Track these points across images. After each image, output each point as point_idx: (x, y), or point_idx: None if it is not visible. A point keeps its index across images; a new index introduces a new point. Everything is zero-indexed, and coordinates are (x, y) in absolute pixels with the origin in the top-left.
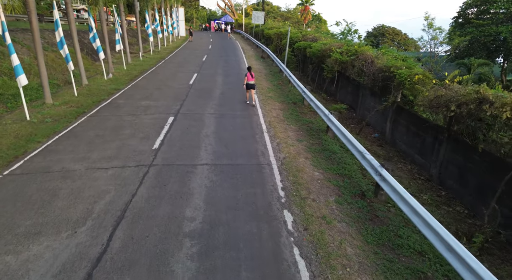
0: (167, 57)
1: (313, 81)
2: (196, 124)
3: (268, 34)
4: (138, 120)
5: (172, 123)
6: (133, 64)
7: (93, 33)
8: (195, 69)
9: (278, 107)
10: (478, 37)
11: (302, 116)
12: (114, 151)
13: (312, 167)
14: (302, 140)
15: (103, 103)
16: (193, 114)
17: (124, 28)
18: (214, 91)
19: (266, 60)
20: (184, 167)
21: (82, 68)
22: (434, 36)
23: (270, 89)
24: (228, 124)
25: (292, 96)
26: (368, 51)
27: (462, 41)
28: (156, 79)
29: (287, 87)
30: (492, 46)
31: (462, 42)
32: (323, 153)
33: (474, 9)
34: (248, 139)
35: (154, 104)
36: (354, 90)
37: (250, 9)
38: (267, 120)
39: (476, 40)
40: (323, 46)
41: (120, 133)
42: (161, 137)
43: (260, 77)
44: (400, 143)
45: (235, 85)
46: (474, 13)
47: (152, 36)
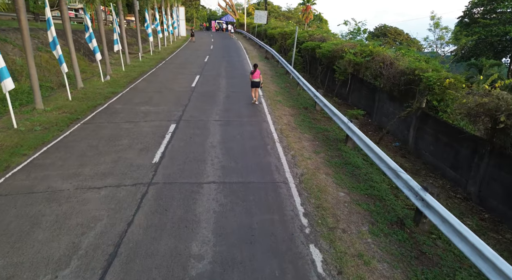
0: (168, 57)
1: (323, 84)
2: (200, 132)
3: (272, 34)
4: (136, 128)
5: (174, 131)
6: (132, 65)
7: (89, 32)
8: (197, 71)
9: (288, 112)
10: (485, 37)
11: (316, 123)
12: (108, 165)
13: (335, 186)
14: (320, 151)
15: (99, 108)
16: (196, 121)
17: (122, 27)
18: (218, 95)
19: (270, 60)
20: (189, 186)
21: (77, 70)
22: (441, 35)
23: (277, 93)
24: (236, 132)
25: (302, 100)
26: (385, 51)
27: (469, 41)
28: (156, 81)
29: (295, 90)
30: (499, 46)
31: (469, 42)
32: (345, 168)
33: (480, 8)
34: (259, 150)
35: (154, 110)
36: (369, 94)
37: (252, 9)
38: (278, 128)
39: (483, 40)
40: (334, 47)
41: (116, 143)
42: (162, 149)
43: (266, 79)
44: (427, 154)
45: (240, 88)
46: (480, 13)
47: (152, 36)
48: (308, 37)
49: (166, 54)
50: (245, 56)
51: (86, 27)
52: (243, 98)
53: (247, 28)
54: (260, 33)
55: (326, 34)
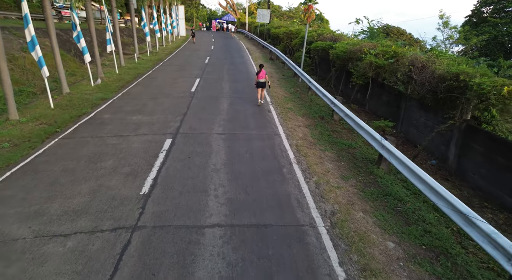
0: (166, 58)
1: (336, 88)
2: (201, 150)
3: (276, 34)
4: (125, 144)
5: (169, 149)
6: (127, 67)
7: (77, 31)
8: (197, 73)
9: (302, 123)
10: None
11: (336, 136)
12: (84, 199)
13: (379, 231)
14: (349, 177)
15: (83, 119)
16: (196, 135)
17: (116, 26)
18: (221, 102)
19: (275, 62)
20: (185, 233)
21: (62, 73)
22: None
23: (287, 99)
24: (243, 149)
25: (316, 108)
26: (413, 53)
27: (480, 40)
28: (152, 85)
29: (306, 95)
30: (509, 46)
31: (481, 42)
32: (385, 202)
33: (489, 7)
34: (273, 175)
35: (148, 120)
36: (393, 101)
37: (254, 8)
38: (293, 143)
39: (492, 39)
40: (350, 47)
41: (98, 166)
42: (154, 173)
43: (273, 83)
44: (476, 177)
45: (246, 93)
46: (489, 11)
47: (150, 35)
48: (317, 37)
49: (164, 55)
50: (248, 57)
51: (73, 26)
52: (249, 105)
53: (248, 28)
54: (263, 32)
55: (339, 34)
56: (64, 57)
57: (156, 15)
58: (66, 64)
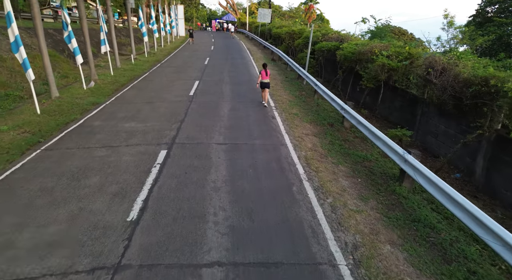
0: (164, 59)
1: (343, 92)
2: (199, 164)
3: (277, 34)
4: (114, 156)
5: (163, 162)
6: (122, 68)
7: (68, 31)
8: (196, 75)
9: (310, 131)
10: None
11: (349, 146)
12: (60, 227)
13: (414, 273)
14: (368, 197)
15: (71, 126)
16: (194, 145)
17: (111, 25)
18: (221, 107)
19: (277, 63)
20: (178, 274)
21: (51, 76)
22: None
23: (292, 103)
24: (246, 163)
25: (324, 114)
26: (426, 53)
27: (485, 40)
28: (148, 88)
29: (312, 99)
30: None
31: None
32: (415, 230)
33: (494, 6)
34: (281, 195)
35: (142, 128)
36: (407, 106)
37: (254, 7)
38: (301, 155)
39: (497, 39)
40: (360, 48)
41: (82, 184)
42: (145, 193)
43: (276, 86)
44: (509, 195)
45: (248, 97)
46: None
47: (147, 35)
48: (322, 37)
49: (162, 55)
50: (249, 57)
51: (64, 25)
52: (252, 111)
53: (249, 28)
54: (264, 32)
55: (345, 34)
56: (57, 58)
57: (154, 14)
58: (59, 66)
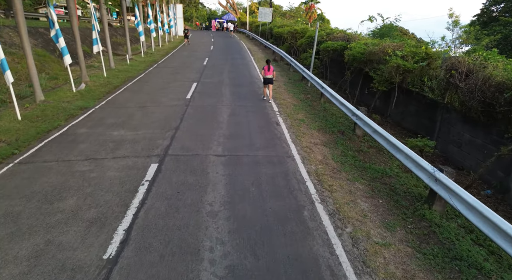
0: (161, 60)
1: (352, 94)
2: (194, 180)
3: (279, 33)
4: (97, 172)
5: (153, 178)
6: (117, 69)
7: (55, 29)
8: (194, 77)
9: (319, 139)
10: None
11: (363, 158)
12: (19, 269)
13: None
14: (394, 224)
15: (53, 135)
16: (189, 158)
17: (105, 24)
18: (220, 111)
19: (279, 63)
20: None
21: (35, 78)
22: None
23: (297, 107)
24: (249, 180)
25: (332, 119)
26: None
27: (492, 40)
28: (142, 91)
29: (318, 102)
30: None
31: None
32: (458, 272)
33: (499, 6)
34: (290, 222)
35: (132, 137)
36: (423, 111)
37: (255, 7)
38: (311, 170)
39: (503, 39)
40: (371, 47)
41: (55, 208)
42: (128, 220)
43: (279, 88)
44: None
45: (250, 100)
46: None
47: (144, 34)
48: (326, 36)
49: (159, 56)
50: (250, 58)
51: (50, 23)
52: (254, 116)
53: (249, 27)
54: (265, 32)
55: (351, 33)
56: (47, 58)
57: (151, 13)
58: (48, 66)
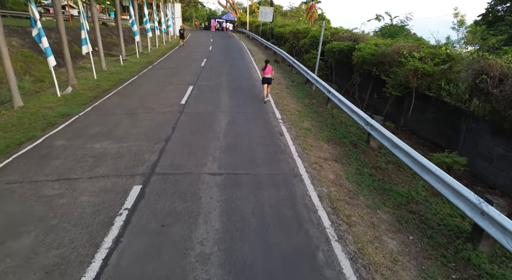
0: (157, 61)
1: (361, 100)
2: (182, 208)
3: (280, 33)
4: (67, 197)
5: (134, 206)
6: (109, 71)
7: (37, 28)
8: (190, 79)
9: (329, 153)
10: None
11: (382, 177)
12: None
13: None
14: (434, 273)
15: (25, 148)
16: (179, 177)
17: (96, 23)
18: (217, 119)
19: (281, 64)
20: None
21: (12, 82)
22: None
23: (302, 114)
24: (248, 208)
25: (342, 128)
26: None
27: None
28: (133, 95)
29: (325, 108)
30: None
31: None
32: None
33: (505, 5)
34: (302, 271)
35: (115, 150)
36: (444, 119)
37: (255, 6)
38: (323, 193)
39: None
40: (383, 48)
41: (3, 249)
42: (95, 268)
43: (281, 92)
44: None
45: (250, 106)
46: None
47: (140, 34)
48: (331, 36)
49: (156, 56)
50: (250, 59)
51: (32, 21)
52: (255, 125)
53: (249, 27)
54: (265, 32)
55: (357, 33)
56: (34, 59)
57: (147, 12)
58: (35, 68)
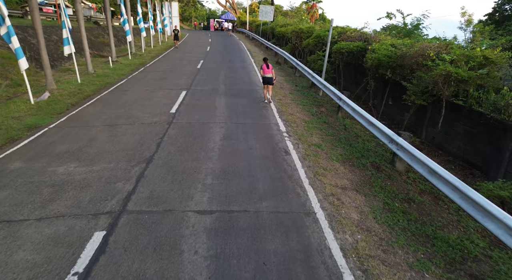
0: (150, 63)
1: (377, 108)
2: (154, 274)
3: (281, 33)
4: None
5: (86, 271)
6: (95, 74)
7: (6, 26)
8: (184, 84)
9: (347, 180)
10: None
11: (418, 215)
12: None
13: None
14: None
15: None
16: (157, 219)
17: (81, 21)
18: (211, 133)
19: (283, 66)
20: None
21: None
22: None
23: (310, 125)
24: (248, 271)
25: (358, 144)
26: None
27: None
28: (117, 103)
29: (335, 117)
30: None
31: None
32: None
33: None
34: None
35: (82, 176)
36: (480, 134)
37: (255, 5)
38: (347, 246)
39: None
40: (404, 50)
41: None
42: None
43: (285, 98)
44: None
45: (250, 115)
46: None
47: (133, 34)
48: (338, 36)
49: (149, 58)
50: (250, 61)
51: (0, 19)
52: (255, 140)
53: (249, 27)
54: (266, 32)
55: (367, 32)
56: (13, 61)
57: (141, 10)
58: (13, 71)
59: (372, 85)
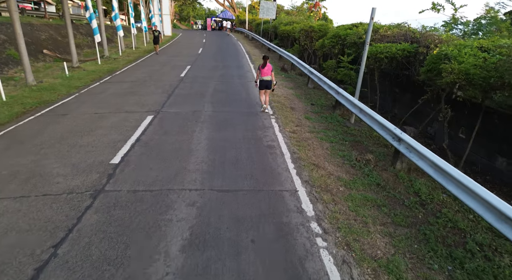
0: (122, 69)
1: (450, 150)
2: None
3: (286, 32)
4: None
5: None
6: (35, 87)
7: None
8: (155, 102)
9: None
10: None
11: None
12: None
13: None
14: None
15: None
16: None
17: (13, 15)
18: (167, 221)
19: (290, 74)
20: None
21: None
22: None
23: (357, 196)
24: None
25: (410, 211)
26: None
27: None
28: (40, 138)
29: (391, 172)
30: None
31: None
32: None
33: None
34: None
35: None
36: None
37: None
38: None
39: None
40: None
41: None
42: None
43: (301, 128)
44: None
45: (246, 175)
46: None
47: (101, 32)
48: (364, 35)
49: (124, 62)
50: (249, 67)
51: None
52: (257, 210)
53: (249, 26)
54: (267, 31)
55: (416, 30)
56: None
57: (115, 5)
58: None
59: (448, 114)
